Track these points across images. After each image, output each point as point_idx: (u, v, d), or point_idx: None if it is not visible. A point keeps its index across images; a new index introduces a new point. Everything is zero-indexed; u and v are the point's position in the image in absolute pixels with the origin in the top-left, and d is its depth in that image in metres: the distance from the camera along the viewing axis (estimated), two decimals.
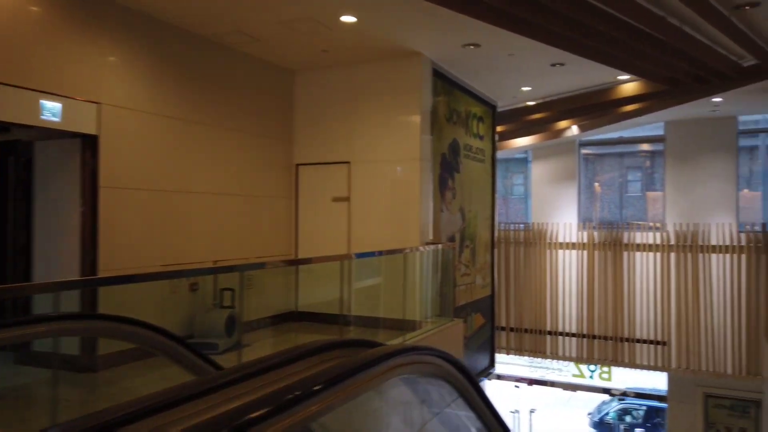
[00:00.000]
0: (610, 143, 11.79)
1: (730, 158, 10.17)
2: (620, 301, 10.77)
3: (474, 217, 8.09)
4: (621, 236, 10.82)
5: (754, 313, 9.77)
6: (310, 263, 5.72)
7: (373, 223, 6.50)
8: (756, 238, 9.85)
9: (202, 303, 5.69)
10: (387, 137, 6.47)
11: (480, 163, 8.33)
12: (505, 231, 11.84)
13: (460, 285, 7.60)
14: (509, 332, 11.80)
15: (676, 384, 10.64)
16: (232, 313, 5.41)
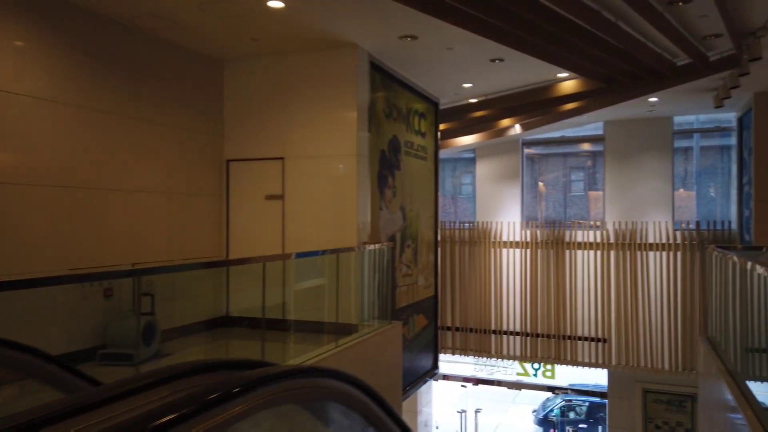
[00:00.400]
0: (552, 143, 11.88)
1: (666, 158, 10.39)
2: (562, 300, 10.84)
3: (416, 216, 7.90)
4: (563, 235, 10.90)
5: (689, 310, 10.00)
6: (249, 263, 5.35)
7: (309, 222, 6.20)
8: (690, 236, 10.09)
9: (118, 310, 5.24)
10: (323, 132, 6.17)
11: (422, 161, 8.14)
12: (450, 230, 11.74)
13: (401, 286, 7.38)
14: (455, 332, 11.71)
15: (616, 380, 10.80)
16: (151, 320, 4.99)
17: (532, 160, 14.30)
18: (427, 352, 8.44)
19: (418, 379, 8.15)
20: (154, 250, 6.02)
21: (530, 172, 12.65)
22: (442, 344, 11.80)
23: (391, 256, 6.31)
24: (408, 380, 7.73)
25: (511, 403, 17.98)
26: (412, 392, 7.88)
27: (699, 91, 8.16)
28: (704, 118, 10.72)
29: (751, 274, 4.32)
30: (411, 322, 7.75)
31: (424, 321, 8.30)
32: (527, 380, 11.79)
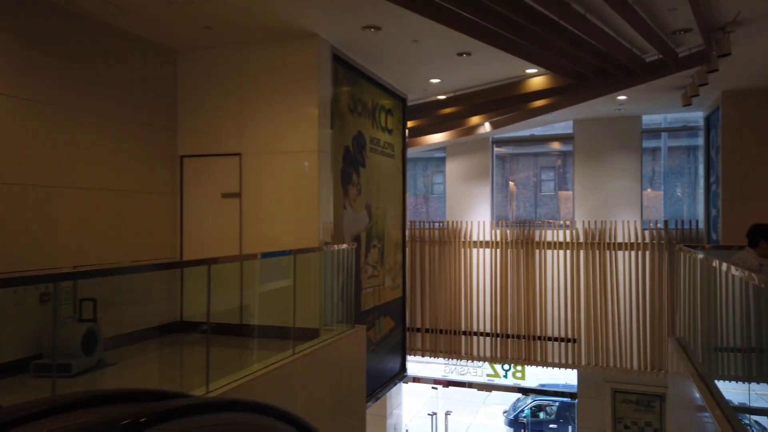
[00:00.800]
0: (522, 141, 11.77)
1: (634, 157, 10.36)
2: (532, 300, 10.73)
3: (382, 215, 7.65)
4: (533, 234, 10.79)
5: (657, 309, 9.99)
6: (213, 264, 5.02)
7: (268, 221, 5.89)
8: (659, 235, 10.08)
9: (56, 316, 4.85)
10: (282, 127, 5.87)
11: (389, 159, 7.90)
12: (420, 230, 11.54)
13: (367, 287, 7.12)
14: (424, 333, 11.51)
15: (586, 380, 10.74)
16: (92, 327, 4.63)
17: (502, 160, 14.22)
18: (394, 354, 8.20)
19: (386, 382, 7.91)
20: (104, 251, 5.63)
21: (501, 171, 12.54)
22: (412, 346, 11.59)
23: (354, 257, 6.04)
24: (375, 384, 7.48)
25: (482, 404, 17.88)
26: (380, 396, 7.63)
27: (667, 89, 8.11)
28: (672, 117, 10.74)
29: (721, 273, 4.19)
30: (377, 325, 7.49)
31: (392, 323, 8.05)
32: (498, 381, 11.67)
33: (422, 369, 13.53)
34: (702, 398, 4.16)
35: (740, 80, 7.89)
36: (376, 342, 7.45)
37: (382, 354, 7.70)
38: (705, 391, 4.25)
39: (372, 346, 7.32)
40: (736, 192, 8.28)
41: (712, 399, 4.09)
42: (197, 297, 6.16)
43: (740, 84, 8.04)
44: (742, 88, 8.17)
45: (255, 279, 5.71)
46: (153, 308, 5.95)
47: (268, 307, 5.71)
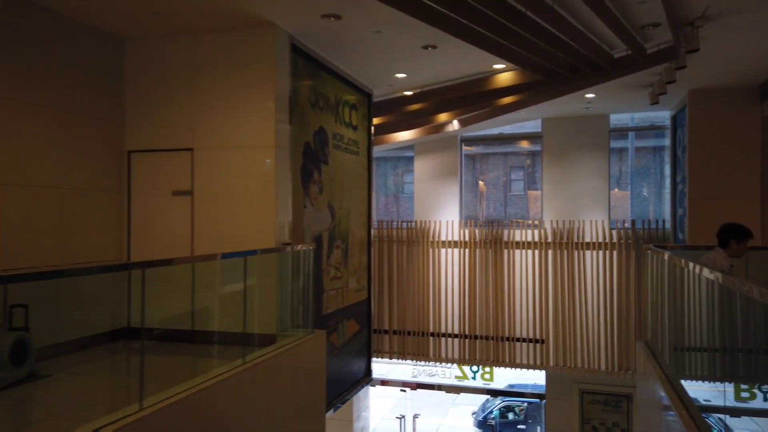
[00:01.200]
0: (491, 140, 11.63)
1: (602, 156, 10.31)
2: (501, 300, 10.59)
3: (346, 215, 7.37)
4: (501, 234, 10.65)
5: (624, 309, 9.95)
6: (168, 265, 4.66)
7: (221, 220, 5.55)
8: (626, 234, 10.04)
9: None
10: (237, 120, 5.53)
11: (354, 156, 7.62)
12: (387, 230, 11.29)
13: (329, 290, 6.83)
14: (392, 335, 11.27)
15: (554, 381, 10.65)
16: (22, 336, 4.23)
17: (472, 159, 14.10)
18: (359, 358, 7.93)
19: (351, 387, 7.63)
20: (45, 253, 5.22)
21: (471, 171, 12.40)
22: (380, 348, 11.35)
23: (313, 259, 5.74)
24: (339, 390, 7.20)
25: (451, 405, 17.76)
26: (345, 401, 7.35)
27: (635, 87, 8.04)
28: (639, 117, 10.73)
29: (690, 274, 4.06)
30: (341, 329, 7.21)
31: (356, 326, 7.78)
32: (466, 383, 11.51)
33: (391, 371, 13.29)
34: (668, 398, 4.09)
35: (707, 79, 7.86)
36: (339, 346, 7.17)
37: (346, 358, 7.42)
38: (671, 391, 4.18)
39: (335, 351, 7.04)
40: (702, 191, 8.26)
41: (677, 398, 4.02)
42: (147, 301, 5.79)
43: (707, 83, 8.02)
44: (708, 86, 8.15)
45: (211, 281, 5.37)
46: (98, 314, 5.55)
47: (221, 312, 5.37)
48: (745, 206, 8.04)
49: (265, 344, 4.92)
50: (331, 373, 6.91)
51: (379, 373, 13.29)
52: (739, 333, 3.38)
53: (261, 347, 4.79)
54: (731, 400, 3.87)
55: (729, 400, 3.88)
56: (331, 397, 6.96)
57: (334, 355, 7.03)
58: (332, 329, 6.93)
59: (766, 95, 7.91)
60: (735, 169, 8.14)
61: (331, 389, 6.95)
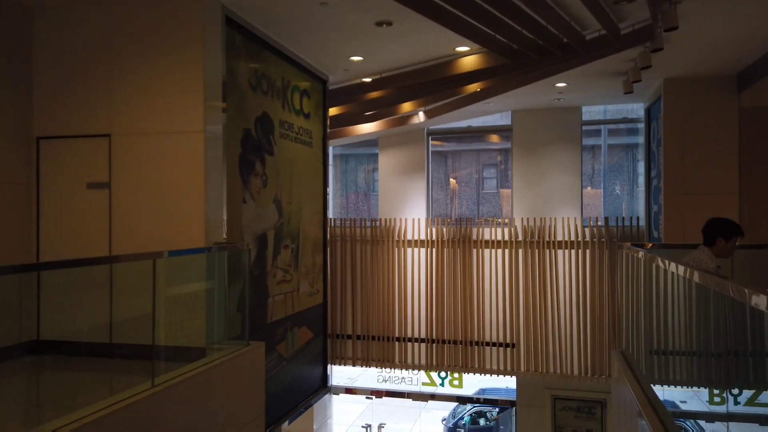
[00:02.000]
0: (458, 133, 11.08)
1: (575, 150, 9.83)
2: (469, 302, 10.04)
3: (297, 211, 6.71)
4: (470, 233, 10.10)
5: (597, 311, 9.48)
6: (71, 267, 3.95)
7: (143, 217, 4.84)
8: (599, 232, 9.58)
9: None
10: (161, 102, 4.84)
11: (306, 147, 6.96)
12: (350, 228, 10.65)
13: (275, 295, 6.16)
14: (356, 341, 10.63)
15: (525, 387, 10.13)
16: None
17: (444, 156, 13.52)
18: (314, 368, 7.27)
19: (305, 399, 6.97)
20: None
21: (443, 168, 11.86)
22: (342, 355, 10.70)
23: (253, 260, 5.06)
24: (292, 402, 6.54)
25: (423, 410, 17.20)
26: (299, 415, 6.69)
27: (608, 75, 7.55)
28: (612, 109, 10.30)
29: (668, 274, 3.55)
30: (290, 337, 6.55)
31: (309, 334, 7.12)
32: (434, 390, 10.92)
33: (360, 376, 12.64)
34: (639, 403, 3.67)
35: (683, 67, 7.41)
36: (289, 356, 6.50)
37: (297, 368, 6.76)
38: (642, 397, 3.76)
39: (283, 362, 6.37)
40: (678, 186, 7.81)
41: (648, 404, 3.59)
42: (62, 310, 5.06)
43: (683, 71, 7.57)
44: (684, 75, 7.70)
45: (128, 286, 4.67)
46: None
47: (145, 321, 4.66)
48: (722, 202, 7.61)
49: (191, 359, 4.25)
50: (280, 386, 6.25)
51: (350, 378, 12.63)
52: (714, 335, 2.88)
53: (185, 363, 4.12)
54: (706, 404, 3.46)
55: (704, 405, 3.49)
56: (281, 411, 6.31)
57: (283, 367, 6.37)
58: (280, 338, 6.26)
59: (744, 84, 7.49)
60: (712, 162, 7.70)
61: (281, 403, 6.30)
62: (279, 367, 6.25)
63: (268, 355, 6.01)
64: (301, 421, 10.53)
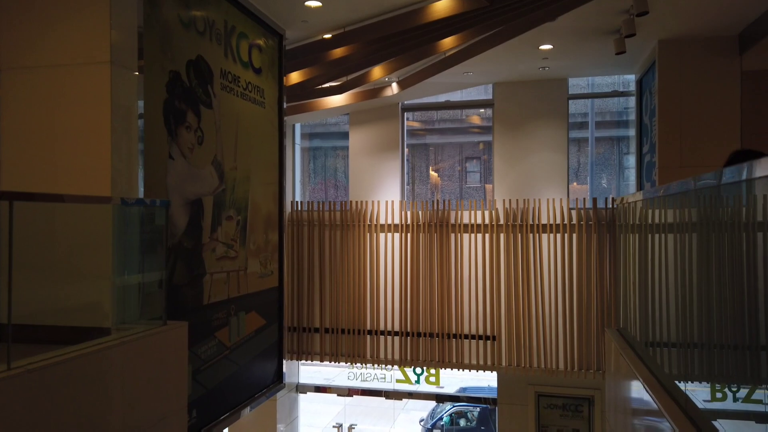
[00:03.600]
0: (435, 107, 10.27)
1: (561, 126, 9.07)
2: (447, 292, 9.23)
3: (243, 180, 5.83)
4: (448, 216, 9.29)
5: (585, 301, 8.72)
6: None
7: (37, 166, 3.95)
8: (587, 215, 8.83)
9: None
10: (57, 28, 3.95)
11: (257, 107, 6.10)
12: (318, 212, 9.79)
13: (214, 272, 5.29)
14: (324, 334, 9.77)
15: (507, 384, 9.34)
16: None
17: (425, 148, 12.77)
18: (266, 360, 6.39)
19: (254, 396, 6.09)
20: None
21: (424, 161, 11.08)
22: (309, 350, 9.84)
23: (166, 221, 4.17)
24: (235, 400, 5.66)
25: (401, 411, 16.36)
26: (244, 413, 5.80)
27: (597, 33, 6.80)
28: (601, 83, 9.58)
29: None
30: (235, 323, 5.67)
31: (260, 321, 6.24)
32: (410, 389, 10.09)
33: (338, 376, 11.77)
34: (658, 402, 2.83)
35: (679, 27, 6.68)
36: (233, 345, 5.62)
37: (245, 359, 5.88)
38: (662, 394, 2.94)
39: (225, 350, 5.49)
40: (674, 158, 7.07)
41: (672, 403, 2.77)
42: None
43: (678, 31, 6.83)
44: (680, 36, 6.96)
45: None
46: None
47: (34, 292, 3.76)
48: None
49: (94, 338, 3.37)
50: (221, 379, 5.38)
51: (327, 378, 11.75)
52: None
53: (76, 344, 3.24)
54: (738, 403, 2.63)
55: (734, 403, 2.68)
56: (224, 407, 5.43)
57: (225, 356, 5.49)
58: (220, 323, 5.38)
59: (746, 45, 6.78)
60: (711, 131, 6.97)
61: (223, 398, 5.42)
62: (219, 357, 5.37)
63: (205, 342, 5.13)
64: (261, 422, 9.63)
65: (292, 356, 9.93)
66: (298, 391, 10.42)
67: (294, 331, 9.89)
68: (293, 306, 9.86)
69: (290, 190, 10.11)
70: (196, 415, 4.96)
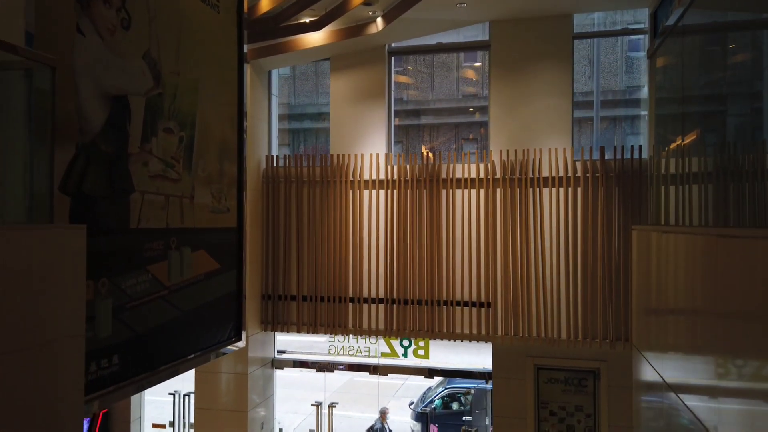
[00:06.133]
0: (425, 51, 9.31)
1: (564, 69, 8.13)
2: (437, 255, 8.30)
3: (190, 90, 4.90)
4: (439, 170, 8.37)
5: (590, 261, 7.79)
6: None
7: None
8: (593, 167, 7.90)
9: None
10: None
11: (209, 9, 5.16)
12: (296, 168, 8.86)
13: (148, 192, 4.35)
14: (301, 303, 8.84)
15: (503, 356, 8.40)
16: None
17: (419, 129, 11.80)
18: (220, 312, 5.46)
19: (203, 351, 5.16)
20: None
21: (418, 143, 10.12)
22: (285, 320, 8.91)
23: (53, 91, 3.21)
24: (178, 351, 4.74)
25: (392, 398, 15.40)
26: (179, 371, 4.87)
27: None
28: (608, 20, 8.66)
29: None
30: (177, 259, 4.73)
31: (213, 264, 5.31)
32: (396, 362, 9.15)
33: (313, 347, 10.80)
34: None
35: None
36: (173, 286, 4.69)
37: (190, 306, 4.94)
38: None
39: (163, 290, 4.56)
40: None
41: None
42: None
43: None
44: None
45: None
46: None
47: None
48: None
49: None
50: (156, 323, 4.45)
51: (290, 348, 10.73)
52: None
53: None
54: None
55: None
56: (162, 358, 4.50)
57: (163, 297, 4.56)
58: (155, 255, 4.45)
59: None
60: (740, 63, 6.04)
61: (163, 347, 4.50)
62: (154, 296, 4.43)
63: (133, 274, 4.20)
64: (232, 399, 8.70)
65: (266, 327, 9.00)
66: (274, 367, 9.48)
67: (268, 299, 8.96)
68: (267, 272, 8.93)
69: (265, 144, 9.18)
70: (118, 361, 4.03)
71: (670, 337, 4.91)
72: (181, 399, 9.72)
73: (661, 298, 5.18)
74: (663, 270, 5.08)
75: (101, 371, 3.87)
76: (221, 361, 8.68)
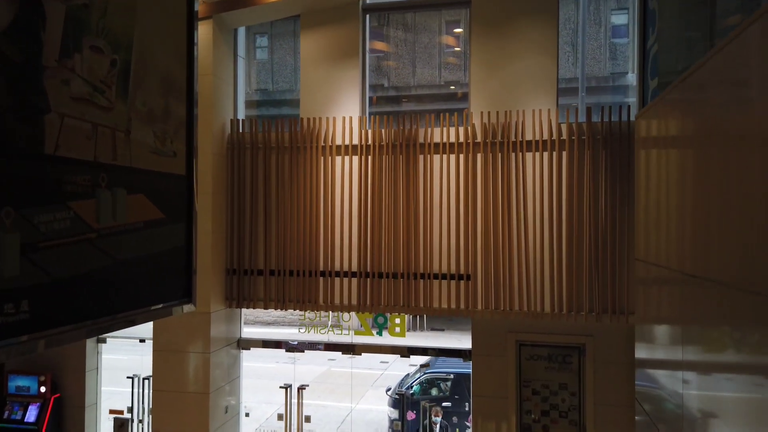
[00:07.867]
0: (402, 7, 8.78)
1: (549, 25, 7.66)
2: (413, 225, 7.78)
3: (123, 9, 4.28)
4: (416, 134, 7.84)
5: (576, 230, 7.32)
6: None
7: None
8: (579, 129, 7.44)
9: None
10: None
11: None
12: (264, 133, 8.28)
13: (69, 116, 3.72)
14: (268, 277, 8.25)
15: (483, 331, 7.89)
16: None
17: (402, 118, 11.30)
18: (163, 267, 4.84)
19: (140, 308, 4.53)
20: None
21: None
22: (251, 296, 8.32)
23: None
24: (105, 307, 4.11)
25: (370, 388, 14.85)
26: (110, 328, 4.25)
27: None
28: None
29: None
30: (108, 199, 4.10)
31: (155, 212, 4.68)
32: (373, 341, 8.61)
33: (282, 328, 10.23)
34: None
35: None
36: (103, 229, 4.06)
37: (125, 255, 4.32)
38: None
39: (88, 233, 3.93)
40: None
41: None
42: None
43: None
44: None
45: None
46: None
47: None
48: None
49: None
50: (79, 271, 3.82)
51: (259, 329, 10.17)
52: None
53: None
54: None
55: None
56: (79, 314, 3.87)
57: (89, 241, 3.93)
58: (78, 191, 3.81)
59: None
60: None
61: (80, 300, 3.86)
62: (78, 238, 3.81)
63: (48, 208, 3.57)
64: (196, 381, 8.08)
65: (231, 303, 8.40)
66: (240, 347, 8.88)
67: (234, 274, 8.36)
68: (233, 244, 8.33)
69: (231, 107, 8.58)
70: (28, 308, 3.41)
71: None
72: (140, 383, 9.09)
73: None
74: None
75: (5, 317, 3.25)
76: (181, 339, 8.07)
